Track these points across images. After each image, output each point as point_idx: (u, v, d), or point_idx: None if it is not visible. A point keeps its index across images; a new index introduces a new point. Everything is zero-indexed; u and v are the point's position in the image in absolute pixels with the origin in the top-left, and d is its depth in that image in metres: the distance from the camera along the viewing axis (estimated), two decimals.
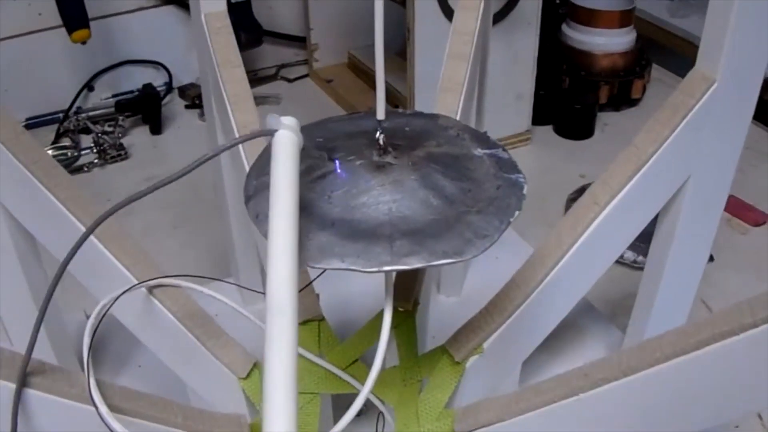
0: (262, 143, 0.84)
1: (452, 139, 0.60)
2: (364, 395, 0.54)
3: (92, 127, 1.73)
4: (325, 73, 1.97)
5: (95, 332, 0.66)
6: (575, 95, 1.74)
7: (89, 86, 1.84)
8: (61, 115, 1.78)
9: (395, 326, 0.76)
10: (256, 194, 0.55)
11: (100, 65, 1.84)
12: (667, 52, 2.02)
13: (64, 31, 1.55)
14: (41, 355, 0.90)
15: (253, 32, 1.80)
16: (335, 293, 0.96)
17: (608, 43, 1.77)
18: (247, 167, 0.82)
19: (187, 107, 1.86)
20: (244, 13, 1.77)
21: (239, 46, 1.30)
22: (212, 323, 0.73)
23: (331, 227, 0.51)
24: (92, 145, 1.66)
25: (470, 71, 0.88)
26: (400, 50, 1.64)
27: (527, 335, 0.82)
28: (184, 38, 1.87)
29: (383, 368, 0.58)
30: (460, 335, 0.75)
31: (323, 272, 0.73)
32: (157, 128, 1.77)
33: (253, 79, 1.95)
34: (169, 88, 1.90)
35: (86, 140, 1.72)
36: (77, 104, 1.81)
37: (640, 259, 1.29)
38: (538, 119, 1.70)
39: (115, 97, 1.85)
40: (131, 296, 0.72)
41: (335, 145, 0.58)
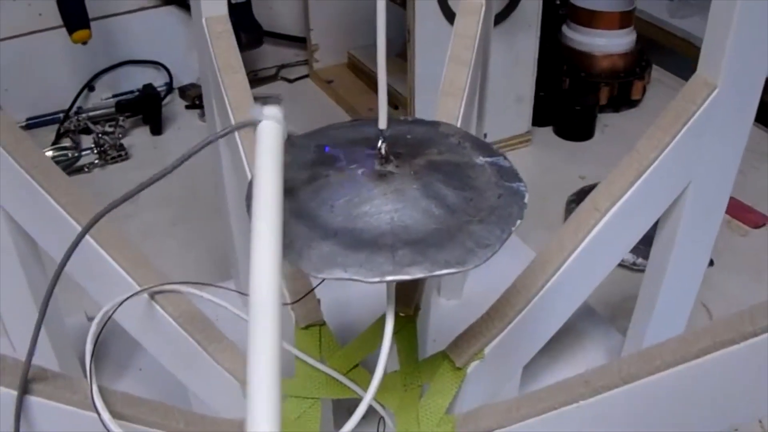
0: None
1: (453, 147, 0.61)
2: (366, 402, 0.54)
3: (93, 127, 1.73)
4: (325, 73, 1.97)
5: (97, 339, 0.66)
6: (575, 96, 1.74)
7: (90, 86, 1.84)
8: (61, 115, 1.78)
9: (396, 331, 0.76)
10: None
11: (100, 65, 1.84)
12: (667, 52, 2.02)
13: (64, 31, 1.55)
14: (43, 357, 0.91)
15: (253, 33, 1.80)
16: (336, 297, 0.96)
17: (608, 44, 1.77)
18: (246, 167, 0.83)
19: (187, 107, 1.86)
20: (244, 13, 1.77)
21: (240, 46, 1.30)
22: (213, 328, 0.73)
23: (333, 237, 0.51)
24: (93, 145, 1.66)
25: (471, 76, 0.88)
26: (400, 51, 1.64)
27: (528, 340, 0.82)
28: (184, 38, 1.87)
29: (384, 373, 0.59)
30: (460, 341, 0.75)
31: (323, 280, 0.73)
32: (157, 129, 1.77)
33: (253, 79, 1.95)
34: (169, 88, 1.90)
35: (87, 140, 1.72)
36: (78, 104, 1.81)
37: (640, 261, 1.30)
38: (538, 120, 1.70)
39: (115, 97, 1.85)
40: (132, 301, 0.72)
41: (337, 152, 0.59)
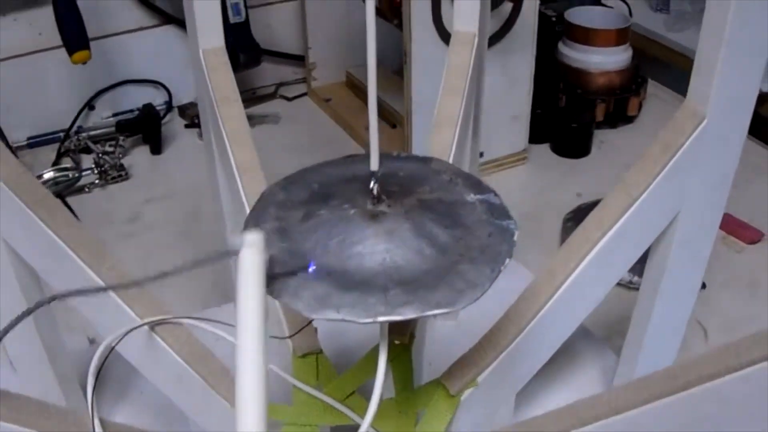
0: (258, 173, 0.86)
1: (445, 184, 0.62)
2: (364, 429, 0.56)
3: (93, 147, 1.74)
4: (323, 91, 1.98)
5: (99, 372, 0.67)
6: (572, 114, 1.76)
7: (90, 105, 1.86)
8: (62, 134, 1.79)
9: (391, 359, 0.78)
10: None
11: (100, 84, 1.85)
12: (663, 66, 2.03)
13: (64, 50, 1.56)
14: (44, 381, 0.93)
15: (251, 52, 1.81)
16: (332, 325, 0.96)
17: (604, 61, 1.78)
18: (245, 200, 0.84)
19: (186, 126, 1.88)
20: (242, 33, 1.78)
21: (238, 66, 1.31)
22: (214, 359, 0.74)
23: (326, 277, 0.52)
24: (93, 165, 1.68)
25: (465, 105, 0.89)
26: (397, 69, 1.65)
27: (521, 368, 0.83)
28: (183, 58, 1.88)
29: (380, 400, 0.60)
30: (454, 369, 0.76)
31: None
32: (157, 148, 1.79)
33: (252, 97, 1.97)
34: (168, 107, 1.92)
35: (87, 160, 1.73)
36: (78, 123, 1.83)
37: (636, 279, 1.30)
38: (535, 138, 1.71)
39: (115, 116, 1.87)
40: (133, 333, 0.73)
41: (330, 191, 0.60)
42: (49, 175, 1.63)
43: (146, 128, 1.81)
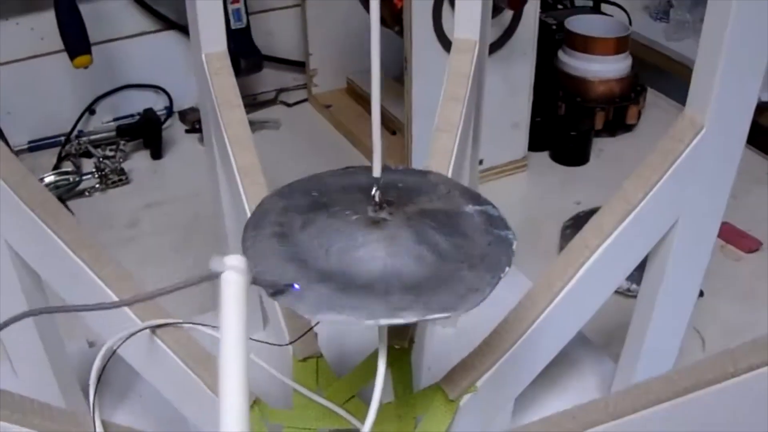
0: (259, 177, 0.87)
1: (443, 195, 0.63)
2: None
3: (94, 151, 1.74)
4: (324, 98, 1.99)
5: (100, 377, 0.67)
6: (571, 122, 1.76)
7: (91, 110, 1.86)
8: (63, 138, 1.80)
9: (391, 364, 0.78)
10: (255, 248, 0.57)
11: (101, 89, 1.85)
12: (662, 75, 2.04)
13: (66, 54, 1.56)
14: (45, 384, 0.93)
15: (252, 58, 1.81)
16: (333, 329, 0.97)
17: (604, 69, 1.78)
18: (246, 205, 0.84)
19: (187, 131, 1.88)
20: (243, 39, 1.79)
21: (239, 72, 1.31)
22: (214, 362, 0.75)
23: (328, 280, 0.53)
24: (94, 169, 1.68)
25: (465, 112, 0.90)
26: (397, 75, 1.66)
27: (519, 374, 0.84)
28: (184, 63, 1.89)
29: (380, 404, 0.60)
30: (453, 374, 0.77)
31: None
32: (157, 153, 1.79)
33: (252, 103, 1.97)
34: (169, 112, 1.92)
35: (87, 164, 1.73)
36: (79, 128, 1.83)
37: (634, 287, 1.30)
38: (534, 146, 1.72)
39: (116, 120, 1.87)
40: (134, 336, 0.74)
41: (331, 199, 0.60)
42: (49, 179, 1.63)
43: (147, 133, 1.81)
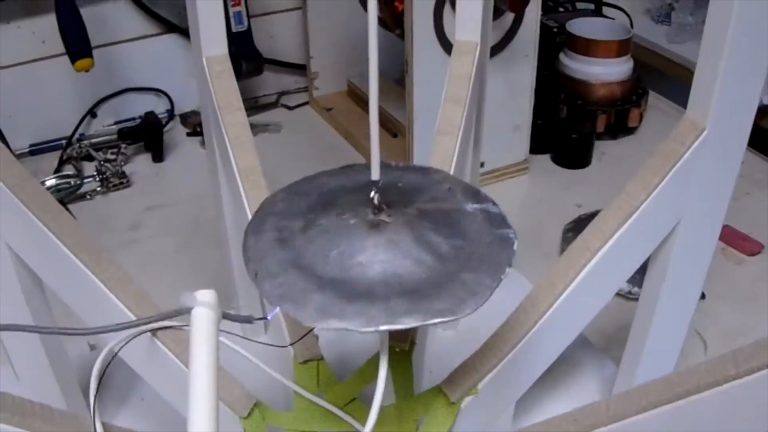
0: (260, 179, 0.86)
1: (444, 194, 0.62)
2: None
3: (95, 154, 1.74)
4: (325, 101, 1.99)
5: (101, 379, 0.67)
6: (572, 124, 1.76)
7: (92, 113, 1.86)
8: (64, 141, 1.80)
9: (392, 366, 0.78)
10: (256, 254, 0.57)
11: (102, 92, 1.86)
12: (664, 78, 2.04)
13: (67, 58, 1.56)
14: (46, 387, 0.93)
15: (254, 61, 1.81)
16: (333, 332, 0.97)
17: (605, 72, 1.78)
18: (247, 207, 0.84)
19: (188, 135, 1.88)
20: (244, 42, 1.79)
21: (240, 75, 1.30)
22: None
23: (328, 287, 0.53)
24: (95, 173, 1.68)
25: (467, 114, 0.90)
26: (398, 78, 1.66)
27: (521, 376, 0.83)
28: (185, 66, 1.89)
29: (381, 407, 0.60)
30: (455, 376, 0.77)
31: None
32: (158, 156, 1.79)
33: (253, 106, 1.97)
34: (170, 115, 1.92)
35: (89, 167, 1.74)
36: (80, 131, 1.83)
37: (635, 290, 1.30)
38: (535, 148, 1.72)
39: (117, 123, 1.87)
40: (135, 339, 0.74)
41: (330, 201, 0.60)
42: (51, 182, 1.63)
43: (148, 136, 1.81)
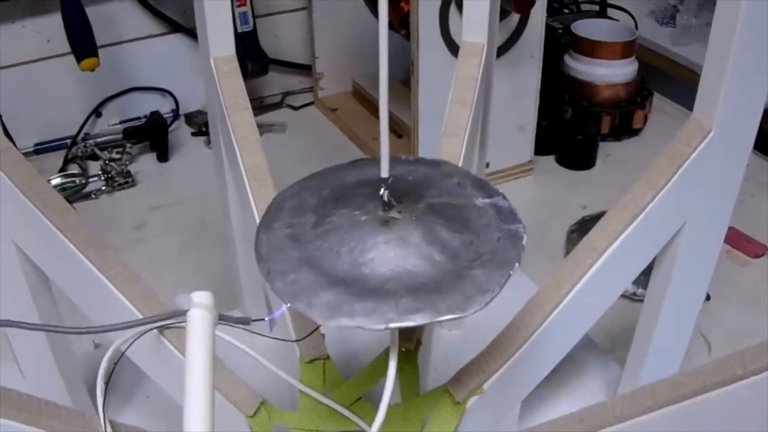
0: (266, 178, 0.87)
1: (454, 188, 0.63)
2: None
3: (100, 153, 1.75)
4: (330, 101, 1.99)
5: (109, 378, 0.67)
6: (577, 126, 1.76)
7: (97, 112, 1.86)
8: (69, 141, 1.80)
9: (398, 366, 0.78)
10: (268, 252, 0.57)
11: (107, 92, 1.86)
12: (668, 79, 2.04)
13: (72, 57, 1.57)
14: (52, 386, 0.93)
15: (259, 62, 1.82)
16: (339, 330, 0.97)
17: (610, 74, 1.78)
18: (254, 206, 0.85)
19: (193, 134, 1.88)
20: (250, 42, 1.79)
21: (246, 75, 1.30)
22: (220, 363, 0.75)
23: (339, 284, 0.53)
24: (100, 172, 1.68)
25: (473, 116, 0.90)
26: (404, 79, 1.66)
27: (526, 376, 0.84)
28: (191, 66, 1.89)
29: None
30: (460, 376, 0.77)
31: None
32: (164, 156, 1.79)
33: (259, 106, 1.98)
34: (175, 115, 1.92)
35: (94, 166, 1.74)
36: (85, 130, 1.84)
37: (640, 291, 1.30)
38: (540, 150, 1.72)
39: (122, 123, 1.87)
40: (142, 337, 0.74)
41: (340, 197, 0.61)
42: (56, 181, 1.63)
43: (153, 136, 1.81)
